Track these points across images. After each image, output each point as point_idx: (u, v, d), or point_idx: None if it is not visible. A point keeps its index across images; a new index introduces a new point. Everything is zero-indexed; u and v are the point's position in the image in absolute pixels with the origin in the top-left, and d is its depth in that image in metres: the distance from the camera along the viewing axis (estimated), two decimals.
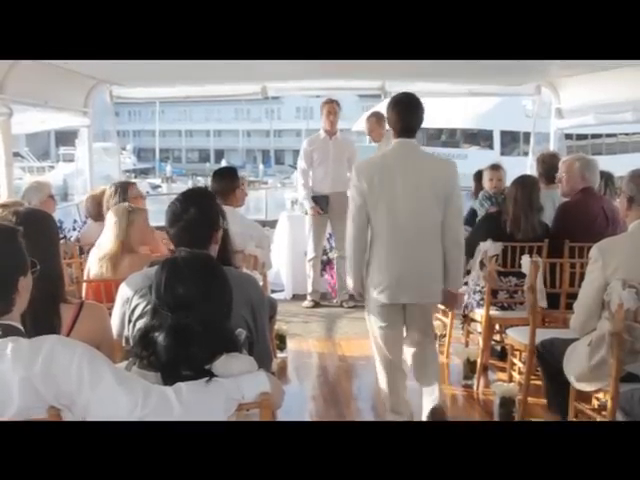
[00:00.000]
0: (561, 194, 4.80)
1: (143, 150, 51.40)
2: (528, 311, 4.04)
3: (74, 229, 5.46)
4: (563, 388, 3.36)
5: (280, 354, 5.13)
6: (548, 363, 3.57)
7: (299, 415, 4.11)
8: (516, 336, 4.19)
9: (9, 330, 1.71)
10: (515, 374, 4.48)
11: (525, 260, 4.09)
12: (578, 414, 3.34)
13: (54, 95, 5.51)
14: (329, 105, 6.67)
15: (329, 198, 6.58)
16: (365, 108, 29.21)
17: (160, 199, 12.14)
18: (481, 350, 4.59)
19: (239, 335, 1.99)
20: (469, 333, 5.22)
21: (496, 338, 5.01)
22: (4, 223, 2.00)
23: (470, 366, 4.65)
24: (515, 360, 4.51)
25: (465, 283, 4.79)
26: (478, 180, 5.71)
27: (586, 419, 3.30)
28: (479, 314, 4.63)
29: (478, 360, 4.58)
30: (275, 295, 6.31)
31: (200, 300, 1.90)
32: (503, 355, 4.95)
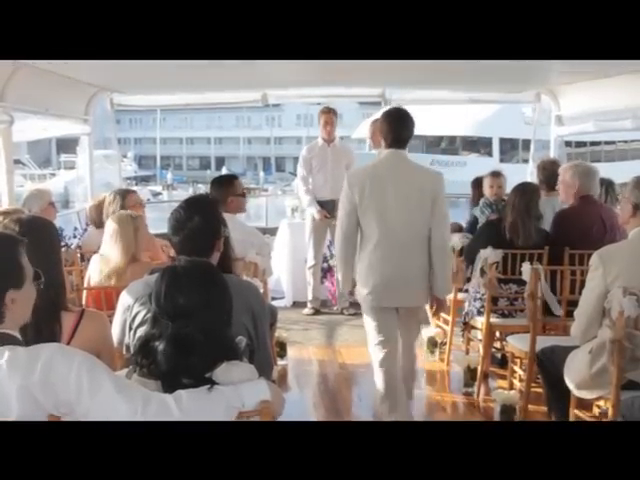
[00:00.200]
0: (561, 201, 4.81)
1: (144, 157, 51.39)
2: (528, 318, 4.04)
3: (74, 236, 5.46)
4: (564, 396, 3.36)
5: (280, 361, 5.13)
6: (549, 371, 3.57)
7: None
8: (517, 343, 4.19)
9: (4, 339, 1.70)
10: (516, 382, 4.47)
11: (526, 267, 4.10)
12: None
13: (55, 103, 5.52)
14: (326, 115, 6.67)
15: (335, 203, 6.56)
16: (365, 115, 29.32)
17: (161, 207, 12.13)
18: (482, 358, 4.59)
19: (239, 343, 1.98)
20: (469, 340, 5.21)
21: (497, 345, 5.01)
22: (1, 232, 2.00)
23: (471, 374, 4.64)
24: (516, 368, 4.51)
25: (465, 290, 4.81)
26: (476, 187, 5.68)
27: None
28: (479, 321, 4.63)
29: (479, 368, 4.57)
30: (275, 302, 6.31)
31: (200, 308, 1.90)
32: (504, 363, 4.94)
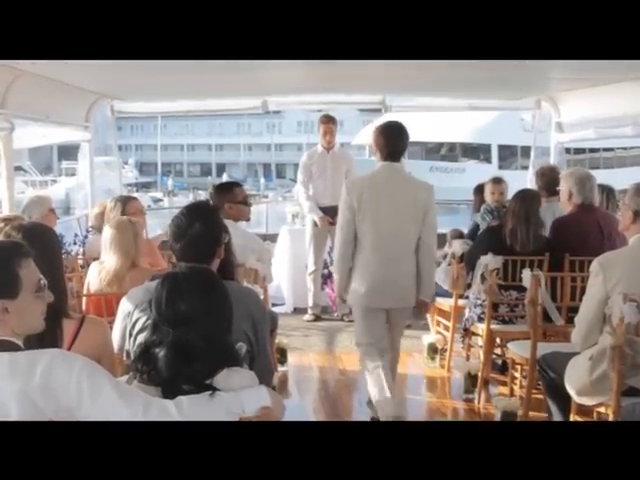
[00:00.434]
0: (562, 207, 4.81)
1: (145, 164, 51.49)
2: (529, 325, 4.04)
3: (75, 243, 5.47)
4: (564, 402, 3.35)
5: (281, 368, 5.12)
6: (549, 377, 3.57)
7: None
8: (517, 350, 4.19)
9: (4, 346, 1.70)
10: (516, 388, 4.47)
11: (526, 274, 4.10)
12: None
13: (55, 110, 5.53)
14: (325, 125, 6.68)
15: (336, 209, 6.55)
16: (365, 122, 29.40)
17: (162, 213, 12.14)
18: (482, 364, 4.59)
19: (240, 349, 1.98)
20: (470, 347, 5.21)
21: (497, 352, 5.01)
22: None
23: (471, 380, 4.63)
24: (516, 374, 4.51)
25: (466, 297, 4.81)
26: (478, 194, 5.68)
27: None
28: (480, 328, 4.62)
29: (479, 374, 4.57)
30: (276, 309, 6.31)
31: (201, 315, 1.90)
32: (504, 369, 4.94)
